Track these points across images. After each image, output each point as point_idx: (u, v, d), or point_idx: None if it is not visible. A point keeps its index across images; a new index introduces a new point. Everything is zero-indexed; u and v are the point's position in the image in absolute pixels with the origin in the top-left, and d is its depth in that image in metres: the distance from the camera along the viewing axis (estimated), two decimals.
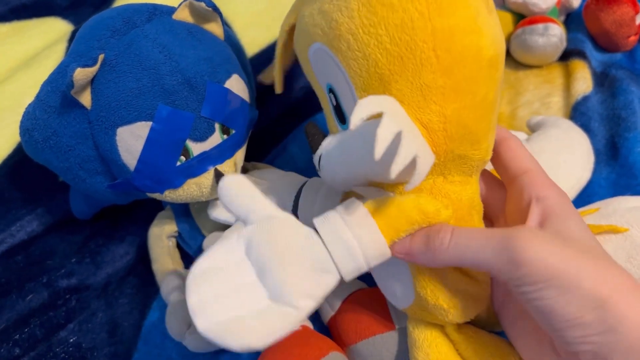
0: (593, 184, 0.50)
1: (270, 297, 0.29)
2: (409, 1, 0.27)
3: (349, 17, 0.29)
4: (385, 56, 0.28)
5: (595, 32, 0.64)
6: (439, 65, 0.28)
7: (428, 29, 0.27)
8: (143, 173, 0.41)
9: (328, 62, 0.31)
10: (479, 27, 0.28)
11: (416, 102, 0.29)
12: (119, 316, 0.51)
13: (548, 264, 0.27)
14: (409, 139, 0.26)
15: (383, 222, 0.30)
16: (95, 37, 0.41)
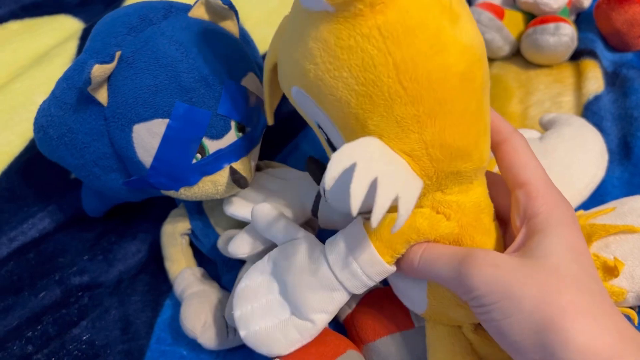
0: (606, 183, 0.50)
1: (291, 312, 0.36)
2: (365, 40, 0.27)
3: (314, 64, 0.29)
4: (354, 97, 0.28)
5: (607, 32, 0.64)
6: (407, 97, 0.28)
7: (389, 64, 0.27)
8: (159, 170, 0.41)
9: (309, 104, 0.32)
10: (443, 44, 0.28)
11: (394, 133, 0.29)
12: (132, 314, 0.51)
13: (492, 290, 0.28)
14: (385, 186, 0.27)
15: (380, 244, 0.33)
16: (112, 34, 0.41)
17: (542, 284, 0.27)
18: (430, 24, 0.27)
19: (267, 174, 0.49)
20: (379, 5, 0.26)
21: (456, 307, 0.35)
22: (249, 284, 0.37)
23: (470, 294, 0.29)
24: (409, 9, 0.26)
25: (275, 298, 0.36)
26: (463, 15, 0.29)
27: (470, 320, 0.36)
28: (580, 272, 0.28)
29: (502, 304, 0.28)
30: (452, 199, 0.32)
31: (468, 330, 0.37)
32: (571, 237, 0.30)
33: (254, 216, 0.38)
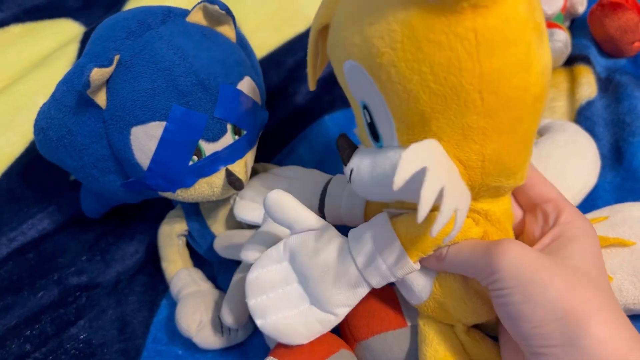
0: (598, 188, 0.51)
1: (312, 302, 0.36)
2: (458, 40, 0.25)
3: (392, 49, 0.26)
4: (427, 94, 0.27)
5: (600, 38, 0.65)
6: (483, 108, 0.27)
7: (476, 71, 0.25)
8: (156, 172, 0.42)
9: (365, 83, 0.29)
10: (529, 63, 0.26)
11: (455, 140, 0.28)
12: (129, 313, 0.52)
13: (519, 272, 0.29)
14: (450, 196, 0.26)
15: (411, 245, 0.33)
16: (111, 39, 0.41)
17: (567, 276, 0.29)
18: (524, 38, 0.26)
19: (273, 174, 0.50)
20: (481, 7, 0.24)
21: (458, 302, 0.35)
22: (262, 272, 0.36)
23: (494, 275, 0.30)
24: (510, 19, 0.25)
25: (293, 288, 0.36)
26: (545, 34, 0.28)
27: (466, 319, 0.36)
28: (600, 277, 0.30)
29: (526, 287, 0.28)
30: (482, 206, 0.33)
31: (460, 332, 0.37)
32: (593, 248, 0.32)
33: (269, 203, 0.35)
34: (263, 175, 0.49)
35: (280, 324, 0.35)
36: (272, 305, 0.36)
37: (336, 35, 0.31)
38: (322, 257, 0.35)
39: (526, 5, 0.26)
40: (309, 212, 0.36)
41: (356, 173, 0.33)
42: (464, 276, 0.35)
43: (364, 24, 0.28)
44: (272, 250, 0.37)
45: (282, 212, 0.36)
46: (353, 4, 0.29)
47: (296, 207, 0.36)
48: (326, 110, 0.63)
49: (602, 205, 0.47)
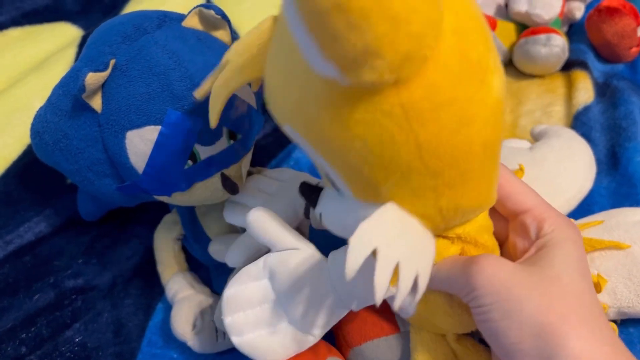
0: (593, 193, 0.51)
1: (289, 321, 0.35)
2: (385, 116, 0.23)
3: (321, 129, 0.26)
4: (368, 168, 0.26)
5: (598, 43, 0.65)
6: (427, 171, 0.26)
7: (411, 142, 0.24)
8: (151, 176, 0.42)
9: (309, 150, 0.28)
10: (471, 116, 0.25)
11: (408, 199, 0.27)
12: (124, 317, 0.52)
13: (496, 289, 0.29)
14: (407, 269, 0.26)
15: None
16: (107, 43, 0.42)
17: (544, 289, 0.28)
18: (461, 96, 0.24)
19: (265, 176, 0.50)
20: (403, 81, 0.22)
21: (443, 316, 0.35)
22: (240, 289, 0.36)
23: (472, 293, 0.29)
24: (438, 84, 0.23)
25: (270, 307, 0.36)
26: (490, 65, 0.26)
27: (454, 330, 0.37)
28: (582, 284, 0.29)
29: (502, 304, 0.28)
30: (455, 231, 0.32)
31: (451, 340, 0.37)
32: (576, 252, 0.31)
33: (250, 222, 0.36)
34: (254, 177, 0.50)
35: (257, 342, 0.35)
36: (249, 323, 0.35)
37: (271, 97, 0.29)
38: (301, 277, 0.34)
39: (457, 58, 0.24)
40: (290, 231, 0.36)
41: (324, 218, 0.33)
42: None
43: (292, 96, 0.26)
44: (252, 267, 0.36)
45: (263, 231, 0.36)
46: (279, 71, 0.28)
47: (277, 227, 0.36)
48: None
49: (597, 210, 0.47)
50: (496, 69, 0.26)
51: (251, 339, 0.35)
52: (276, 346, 0.35)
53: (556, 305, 0.28)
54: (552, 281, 0.29)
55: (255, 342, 0.35)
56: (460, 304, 0.34)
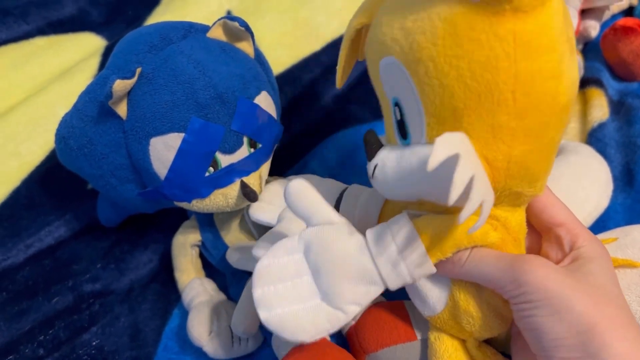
0: (608, 209, 0.51)
1: (322, 298, 0.34)
2: (497, 40, 0.26)
3: (432, 43, 0.28)
4: (463, 90, 0.28)
5: (613, 62, 0.65)
6: (514, 108, 0.28)
7: (511, 71, 0.27)
8: (173, 182, 0.43)
9: (400, 79, 0.30)
10: (561, 72, 0.28)
11: (485, 138, 0.29)
12: (141, 321, 0.52)
13: (545, 287, 0.30)
14: (479, 185, 0.27)
15: (431, 244, 0.33)
16: (134, 52, 0.43)
17: (592, 293, 0.30)
18: (558, 48, 0.27)
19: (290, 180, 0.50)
20: (522, 12, 0.26)
21: (472, 315, 0.35)
22: (272, 262, 0.34)
23: (521, 288, 0.30)
24: (546, 26, 0.27)
25: (304, 282, 0.34)
26: (574, 51, 0.29)
27: (478, 333, 0.36)
28: (620, 295, 0.31)
29: (552, 301, 0.30)
30: (501, 214, 0.33)
31: (472, 346, 0.37)
32: (609, 267, 0.33)
33: (290, 191, 0.35)
34: (279, 180, 0.50)
35: (287, 318, 0.33)
36: (280, 298, 0.34)
37: (376, 32, 0.32)
38: (338, 250, 0.34)
39: (562, 19, 0.28)
40: (329, 206, 0.35)
41: (380, 168, 0.33)
42: (478, 289, 0.35)
43: (406, 20, 0.29)
44: (287, 241, 0.35)
45: (302, 202, 0.35)
46: (397, 3, 0.31)
47: (317, 199, 0.35)
48: (339, 127, 0.64)
49: (612, 227, 0.47)
50: (576, 59, 0.30)
51: (280, 314, 0.33)
52: (307, 323, 0.34)
53: (603, 308, 0.29)
54: (597, 288, 0.30)
55: (284, 318, 0.33)
56: (490, 304, 0.35)
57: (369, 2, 0.34)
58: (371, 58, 0.33)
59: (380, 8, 0.33)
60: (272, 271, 0.34)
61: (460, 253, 0.33)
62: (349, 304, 0.34)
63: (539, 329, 0.30)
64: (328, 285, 0.34)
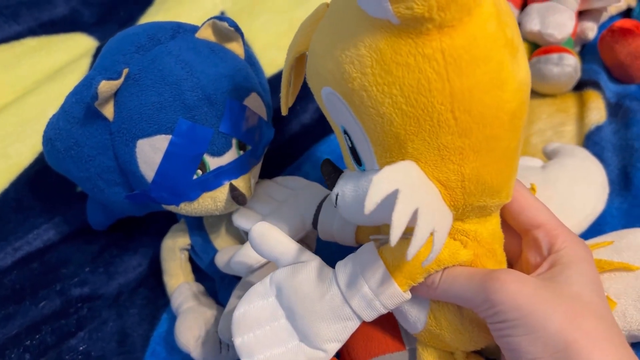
0: (605, 213, 0.50)
1: (300, 339, 0.34)
2: (426, 61, 0.25)
3: (362, 73, 0.27)
4: (400, 116, 0.27)
5: (610, 64, 0.65)
6: (457, 127, 0.27)
7: (446, 91, 0.26)
8: (160, 185, 0.42)
9: (342, 109, 0.30)
10: (502, 80, 0.27)
11: (433, 161, 0.28)
12: (129, 326, 0.51)
13: (518, 305, 0.29)
14: (425, 217, 0.26)
15: (400, 274, 0.32)
16: (121, 52, 0.42)
17: (567, 307, 0.29)
18: (494, 56, 0.26)
19: (276, 183, 0.50)
20: (447, 27, 0.25)
21: (454, 332, 0.35)
22: (249, 309, 0.34)
23: (493, 308, 0.29)
24: (477, 38, 0.25)
25: (280, 325, 0.34)
26: (520, 50, 0.28)
27: (464, 347, 0.36)
28: (600, 303, 0.30)
29: (527, 320, 0.28)
30: (470, 227, 0.32)
31: (460, 357, 0.37)
32: (591, 273, 0.31)
33: (253, 238, 0.35)
34: (265, 182, 0.50)
35: None
36: (260, 344, 0.34)
37: (312, 62, 0.31)
38: (309, 290, 0.33)
39: (495, 23, 0.26)
40: (295, 244, 0.35)
41: (340, 198, 0.33)
42: (458, 306, 0.34)
43: (336, 50, 0.28)
44: (258, 286, 0.35)
45: (267, 246, 0.35)
46: (327, 32, 0.30)
47: (281, 240, 0.35)
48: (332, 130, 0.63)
49: (609, 231, 0.46)
50: (524, 57, 0.28)
51: (264, 359, 0.34)
52: None
53: (580, 322, 0.28)
54: (573, 299, 0.29)
55: None
56: (472, 320, 0.34)
57: (303, 29, 0.34)
58: (312, 86, 0.33)
59: (313, 35, 0.32)
60: (249, 318, 0.34)
61: (432, 276, 0.33)
62: (328, 342, 0.33)
63: (516, 349, 0.29)
64: (304, 326, 0.33)
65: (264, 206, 0.46)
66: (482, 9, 0.25)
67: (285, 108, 0.38)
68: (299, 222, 0.43)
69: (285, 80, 0.36)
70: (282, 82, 0.36)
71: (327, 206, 0.42)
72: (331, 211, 0.42)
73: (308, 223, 0.43)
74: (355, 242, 0.41)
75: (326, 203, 0.43)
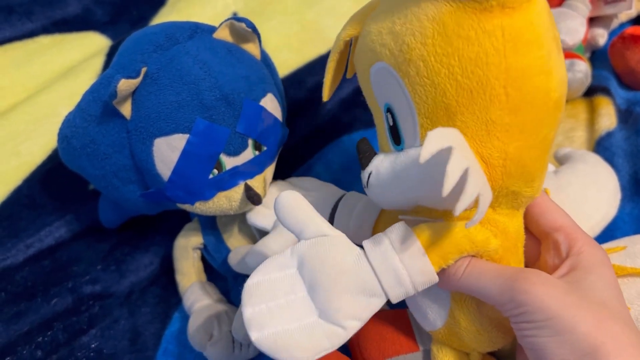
0: (616, 219, 0.50)
1: (319, 315, 0.31)
2: (486, 36, 0.27)
3: (422, 43, 0.28)
4: (454, 87, 0.28)
5: (621, 70, 0.65)
6: (507, 103, 0.28)
7: (502, 66, 0.27)
8: (176, 184, 0.43)
9: (391, 83, 0.31)
10: (550, 68, 0.28)
11: (479, 136, 0.29)
12: (141, 325, 0.52)
13: (546, 307, 0.29)
14: (475, 177, 0.26)
15: (433, 251, 0.31)
16: (139, 51, 0.42)
17: (595, 311, 0.29)
18: (546, 44, 0.28)
19: (290, 183, 0.50)
20: (509, 8, 0.26)
21: (473, 331, 0.35)
22: (263, 279, 0.32)
23: (519, 308, 0.29)
24: (533, 23, 0.27)
25: (299, 298, 0.31)
26: (561, 52, 0.30)
27: (481, 347, 0.36)
28: (623, 309, 0.30)
29: (555, 322, 0.28)
30: (500, 218, 0.32)
31: (476, 358, 0.37)
32: (611, 278, 0.31)
33: (281, 203, 0.33)
34: (279, 183, 0.50)
35: (281, 338, 0.31)
36: (273, 316, 0.31)
37: (366, 41, 0.32)
38: (336, 262, 0.31)
39: (548, 17, 0.29)
40: (322, 218, 0.33)
41: (374, 175, 0.33)
42: (478, 304, 0.34)
43: (395, 25, 0.30)
44: (278, 257, 0.33)
45: (293, 215, 0.33)
46: (384, 11, 0.31)
47: (309, 211, 0.33)
48: (345, 131, 0.64)
49: (620, 236, 0.46)
50: (564, 61, 0.31)
51: (273, 333, 0.30)
52: (303, 340, 0.31)
53: (607, 326, 0.28)
54: (600, 304, 0.29)
55: (278, 338, 0.30)
56: (491, 319, 0.34)
57: (358, 14, 0.35)
58: (361, 68, 0.34)
59: (367, 18, 0.33)
60: (263, 289, 0.32)
61: (457, 265, 0.32)
62: (349, 319, 0.31)
63: (542, 350, 0.29)
64: (325, 300, 0.31)
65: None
66: (539, 3, 0.28)
67: (327, 93, 0.38)
68: None
69: (332, 63, 0.37)
70: (327, 66, 0.37)
71: (342, 207, 0.43)
72: (347, 211, 0.42)
73: None
74: None
75: (342, 203, 0.43)
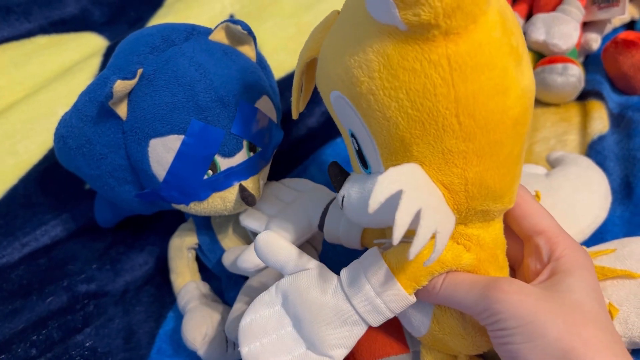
0: (607, 222, 0.51)
1: (307, 347, 0.34)
2: (432, 67, 0.26)
3: (370, 77, 0.28)
4: (406, 120, 0.28)
5: (614, 75, 0.66)
6: (461, 132, 0.27)
7: (451, 96, 0.26)
8: (171, 184, 0.43)
9: (349, 112, 0.31)
10: (506, 86, 0.27)
11: (437, 164, 0.29)
12: (135, 324, 0.52)
13: (518, 314, 0.29)
14: (427, 219, 0.26)
15: (403, 275, 0.32)
16: (135, 53, 0.43)
17: (567, 315, 0.29)
18: (499, 63, 0.27)
19: (283, 184, 0.50)
20: (453, 34, 0.25)
21: (456, 337, 0.35)
22: (255, 318, 0.35)
23: (494, 317, 0.30)
24: (481, 45, 0.26)
25: (287, 333, 0.34)
26: (525, 58, 0.29)
27: (467, 351, 0.37)
28: (600, 311, 0.30)
29: (526, 328, 0.29)
30: (473, 232, 0.33)
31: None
32: (591, 280, 0.32)
33: (258, 246, 0.35)
34: (273, 184, 0.50)
35: None
36: (266, 352, 0.34)
37: (323, 66, 0.32)
38: (314, 297, 0.34)
39: (500, 31, 0.27)
40: (300, 252, 0.35)
41: (346, 199, 0.33)
42: (461, 311, 0.35)
43: (345, 55, 0.29)
44: (265, 295, 0.36)
45: (272, 253, 0.35)
46: (337, 37, 0.31)
47: (286, 248, 0.35)
48: (339, 133, 0.64)
49: (610, 239, 0.47)
50: (528, 65, 0.29)
51: None
52: None
53: (580, 331, 0.28)
54: (573, 308, 0.30)
55: None
56: (475, 325, 0.34)
57: (315, 35, 0.34)
58: (322, 91, 0.34)
59: (324, 41, 0.33)
60: (255, 327, 0.34)
61: (434, 280, 0.33)
62: (335, 349, 0.33)
63: (516, 356, 0.29)
64: (310, 333, 0.33)
65: (271, 207, 0.47)
66: (488, 17, 0.26)
67: (296, 112, 0.39)
68: (305, 224, 0.44)
69: (297, 84, 0.37)
70: (293, 87, 0.37)
71: (333, 209, 0.43)
72: (337, 214, 0.42)
73: (314, 224, 0.44)
74: (360, 246, 0.42)
75: (332, 206, 0.43)
